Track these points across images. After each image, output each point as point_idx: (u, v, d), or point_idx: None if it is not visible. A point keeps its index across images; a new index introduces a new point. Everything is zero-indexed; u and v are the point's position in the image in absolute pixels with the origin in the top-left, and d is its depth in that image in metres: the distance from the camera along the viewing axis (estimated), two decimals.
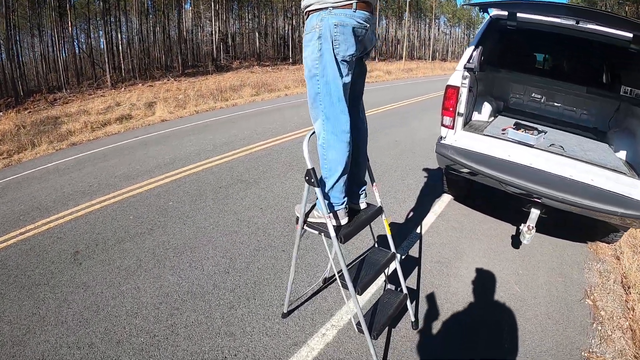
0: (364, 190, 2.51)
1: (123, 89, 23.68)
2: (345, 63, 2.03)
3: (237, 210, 4.81)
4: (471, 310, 3.07)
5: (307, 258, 3.66)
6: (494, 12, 4.13)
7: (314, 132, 2.20)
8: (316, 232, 2.28)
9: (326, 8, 1.96)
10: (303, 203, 2.30)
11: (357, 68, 2.21)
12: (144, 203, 5.33)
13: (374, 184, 2.57)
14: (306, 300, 3.08)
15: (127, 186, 6.00)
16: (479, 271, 3.55)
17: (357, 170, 2.43)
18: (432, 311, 3.03)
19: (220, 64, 32.46)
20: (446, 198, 5.06)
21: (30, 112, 17.44)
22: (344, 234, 2.19)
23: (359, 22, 1.99)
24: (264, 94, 16.69)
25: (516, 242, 4.03)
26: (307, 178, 2.14)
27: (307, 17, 2.05)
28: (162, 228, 4.54)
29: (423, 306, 3.09)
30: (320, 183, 2.20)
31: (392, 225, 4.32)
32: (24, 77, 28.13)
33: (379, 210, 2.52)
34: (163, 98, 15.66)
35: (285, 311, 2.90)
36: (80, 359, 2.72)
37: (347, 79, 2.08)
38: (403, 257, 3.72)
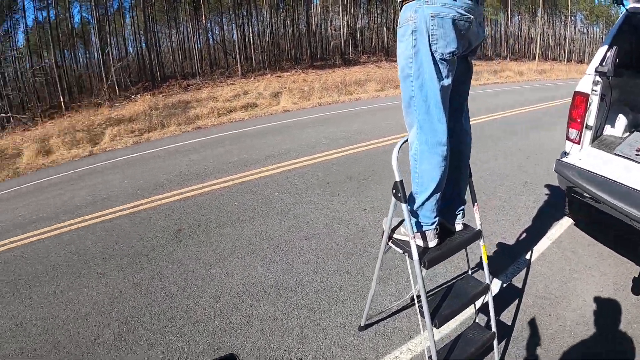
0: (463, 209, 2.28)
1: (252, 78, 25.72)
2: (444, 62, 1.83)
3: (339, 209, 4.85)
4: None
5: (403, 269, 3.52)
6: (631, 4, 3.53)
7: (407, 140, 2.06)
8: (400, 251, 2.16)
9: None
10: (389, 217, 2.18)
11: (460, 68, 1.99)
12: (250, 191, 5.68)
13: (476, 204, 2.31)
14: (388, 316, 2.96)
15: (238, 172, 6.47)
16: (587, 316, 3.05)
17: (456, 186, 2.23)
18: (522, 356, 2.68)
19: (348, 58, 33.36)
20: (566, 222, 4.48)
21: (164, 95, 19.85)
22: (430, 259, 2.03)
23: (460, 13, 1.76)
24: (389, 90, 16.70)
25: (637, 287, 3.40)
26: (394, 191, 2.01)
27: (401, 8, 1.88)
28: (263, 218, 4.79)
29: (514, 348, 2.74)
30: (410, 198, 2.06)
31: (500, 247, 3.97)
32: (161, 64, 32.87)
33: (477, 235, 2.27)
34: (289, 89, 16.57)
35: (362, 324, 2.81)
36: (158, 329, 3.00)
37: (447, 82, 1.88)
38: (505, 285, 3.37)
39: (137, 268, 3.94)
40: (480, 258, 2.36)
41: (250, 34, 32.40)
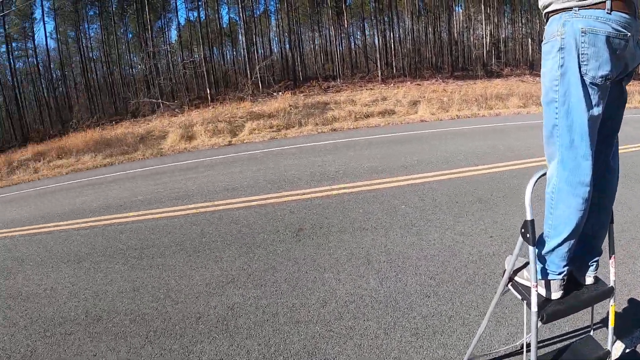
0: (597, 260, 1.98)
1: (392, 84, 25.91)
2: (595, 87, 1.59)
3: (465, 232, 4.59)
4: None
5: (519, 309, 3.18)
6: None
7: (544, 174, 1.83)
8: (519, 297, 1.96)
9: (570, 8, 1.56)
10: (514, 256, 1.98)
11: (613, 94, 1.71)
12: (377, 200, 5.68)
13: (613, 255, 1.99)
14: None
15: (368, 179, 6.53)
16: None
17: (594, 233, 1.94)
18: None
19: (490, 70, 31.93)
20: None
21: (304, 95, 20.81)
22: (549, 313, 1.81)
23: (615, 29, 1.52)
24: (532, 107, 15.67)
25: None
26: (522, 231, 1.82)
27: (547, 20, 1.69)
28: (385, 229, 4.74)
29: None
30: (539, 241, 1.85)
31: (631, 303, 3.39)
32: (304, 65, 35.45)
33: (608, 292, 1.96)
34: (427, 98, 16.39)
35: None
36: (260, 321, 3.15)
37: (597, 111, 1.63)
38: (627, 350, 2.87)
39: (253, 258, 4.18)
40: (607, 313, 2.05)
41: (392, 40, 32.79)
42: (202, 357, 2.95)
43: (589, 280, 1.99)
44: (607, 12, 1.51)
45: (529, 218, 1.77)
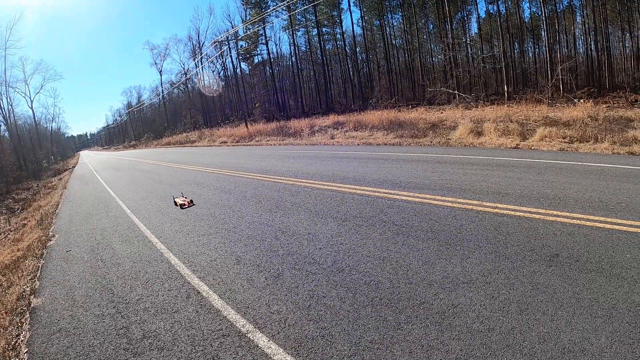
0: None
1: None
2: None
3: None
4: None
5: None
6: None
7: None
8: None
9: None
10: None
11: None
12: None
13: None
14: None
15: None
16: None
17: None
18: None
19: None
20: None
21: (607, 106, 18.04)
22: None
23: None
24: None
25: None
26: None
27: None
28: None
29: None
30: None
31: None
32: (611, 71, 30.15)
33: None
34: None
35: None
36: (474, 330, 3.22)
37: None
38: None
39: (497, 268, 4.21)
40: None
41: None
42: (408, 337, 3.24)
43: None
44: None
45: None
